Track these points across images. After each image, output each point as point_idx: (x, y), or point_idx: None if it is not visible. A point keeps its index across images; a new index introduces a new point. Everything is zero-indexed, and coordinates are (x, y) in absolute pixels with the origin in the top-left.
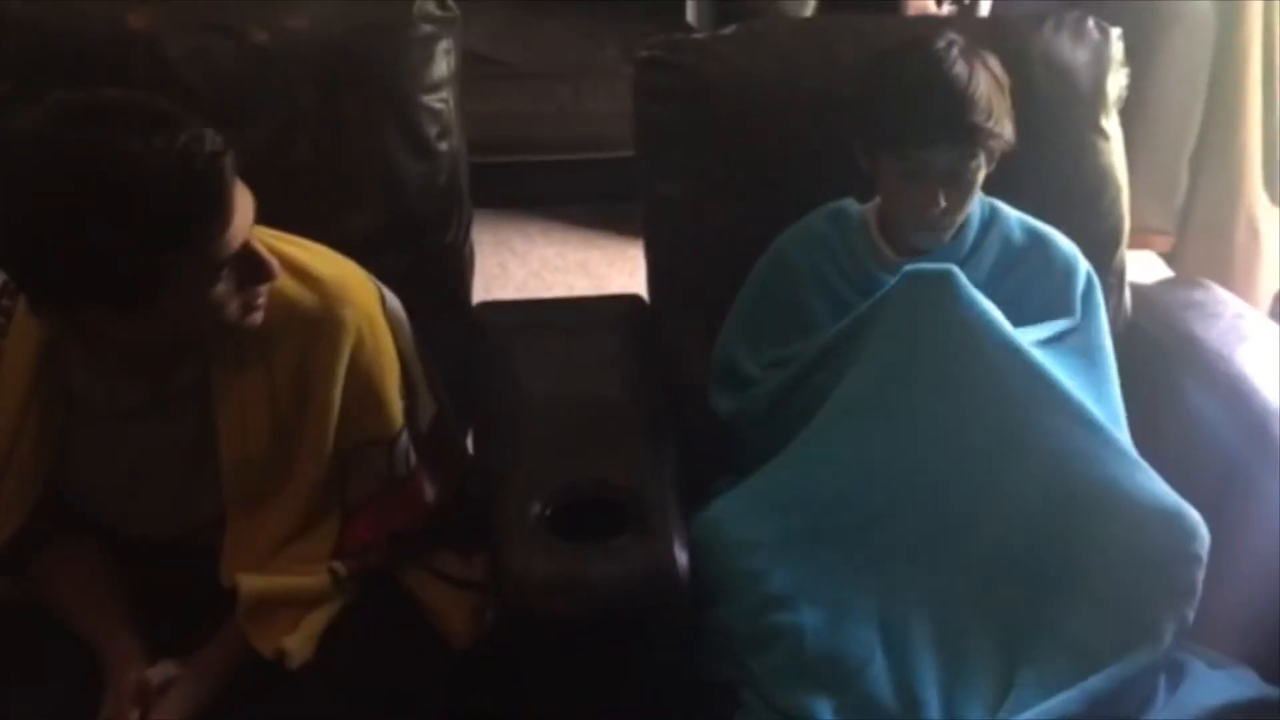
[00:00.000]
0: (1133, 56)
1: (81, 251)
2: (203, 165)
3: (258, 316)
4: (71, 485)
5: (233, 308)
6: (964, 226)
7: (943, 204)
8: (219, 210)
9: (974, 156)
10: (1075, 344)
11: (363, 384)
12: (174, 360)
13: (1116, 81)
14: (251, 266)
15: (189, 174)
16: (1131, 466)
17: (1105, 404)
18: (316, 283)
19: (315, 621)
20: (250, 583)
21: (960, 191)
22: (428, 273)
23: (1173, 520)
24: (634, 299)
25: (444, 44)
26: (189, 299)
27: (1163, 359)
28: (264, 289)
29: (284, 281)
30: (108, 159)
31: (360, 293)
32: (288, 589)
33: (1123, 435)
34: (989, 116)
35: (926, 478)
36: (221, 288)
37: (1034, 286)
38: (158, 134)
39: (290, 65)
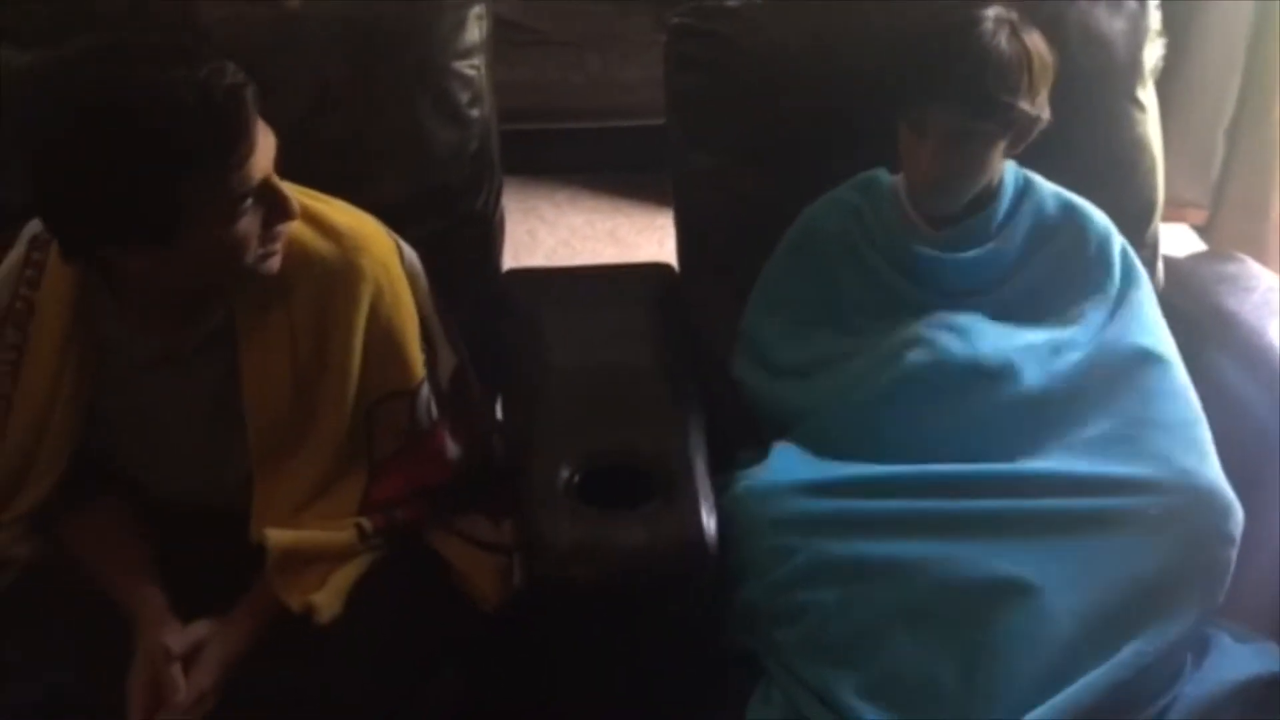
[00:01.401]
0: (1169, 27)
1: (105, 183)
2: (222, 96)
3: (275, 262)
4: (104, 441)
5: (253, 248)
6: (997, 197)
7: (945, 166)
8: (240, 140)
9: (982, 123)
10: (1120, 332)
11: (383, 334)
12: (198, 307)
13: (1153, 52)
14: (272, 204)
15: (209, 104)
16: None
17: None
18: (335, 234)
19: (344, 577)
20: (278, 536)
21: (964, 157)
22: (458, 240)
23: (1208, 499)
24: (663, 268)
25: (476, 10)
26: (211, 234)
27: (1196, 333)
28: (283, 230)
29: (304, 232)
30: (129, 90)
31: (378, 244)
32: (314, 543)
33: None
34: (1006, 88)
35: (954, 455)
36: (243, 224)
37: (1067, 259)
38: (178, 66)
39: (323, 32)
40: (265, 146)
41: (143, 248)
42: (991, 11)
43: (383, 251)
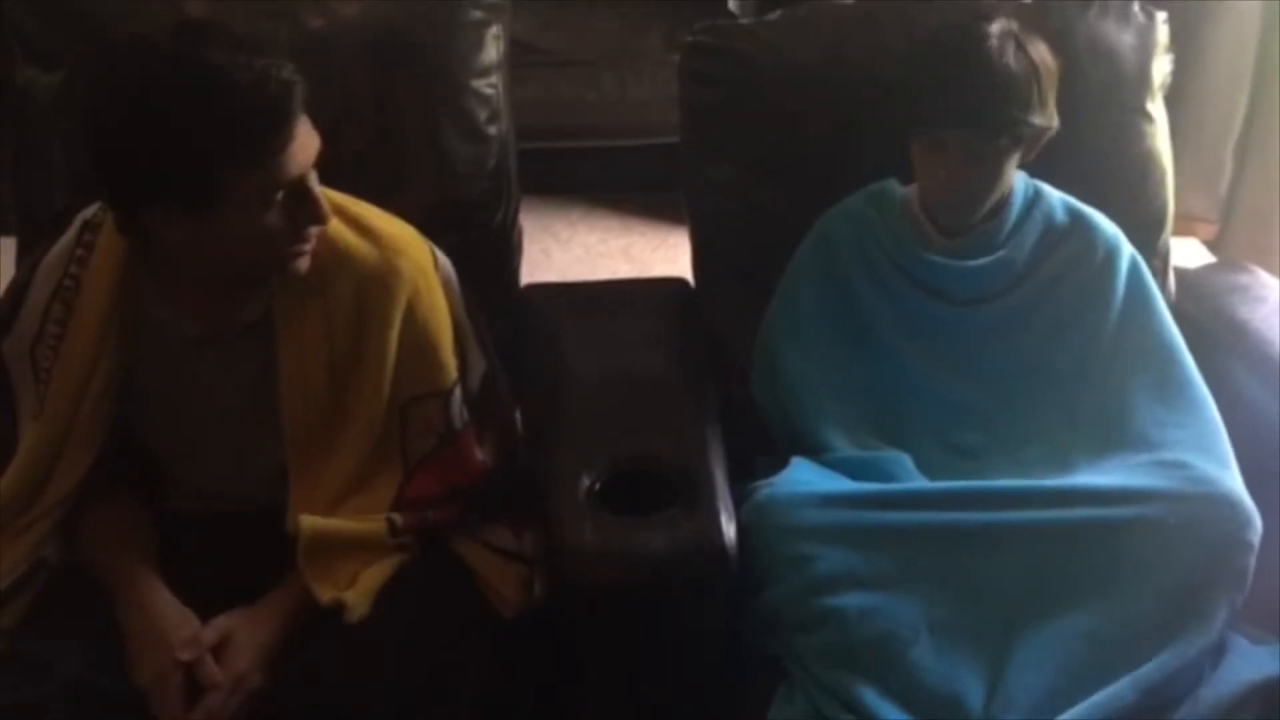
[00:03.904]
0: (1177, 44)
1: (154, 143)
2: (276, 88)
3: (304, 263)
4: (140, 426)
5: (283, 243)
6: (1006, 205)
7: (962, 184)
8: (280, 128)
9: (997, 141)
10: (1134, 348)
11: (419, 334)
12: (239, 294)
13: (1161, 67)
14: (305, 204)
15: (263, 90)
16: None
17: (1189, 408)
18: (375, 236)
19: (373, 577)
20: (311, 523)
21: (981, 173)
22: (477, 254)
23: (1228, 507)
24: (679, 281)
25: (494, 30)
26: (244, 216)
27: (1208, 343)
28: (313, 233)
29: (344, 232)
30: (196, 66)
31: (415, 248)
32: (345, 531)
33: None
34: (1018, 105)
35: (977, 472)
36: (272, 217)
37: (1074, 267)
38: (241, 54)
39: (344, 50)
40: (306, 145)
41: (180, 216)
42: (995, 27)
43: (420, 256)
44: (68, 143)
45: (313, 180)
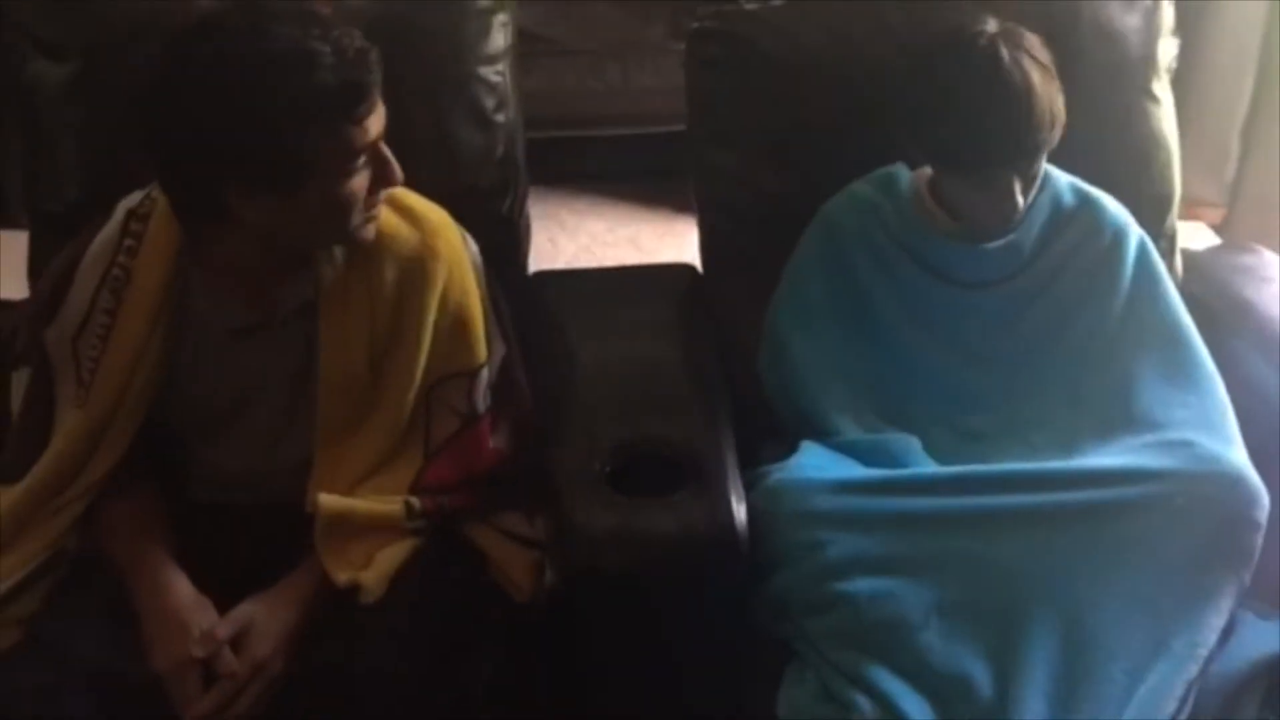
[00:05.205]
0: (1182, 28)
1: (244, 127)
2: (353, 55)
3: (373, 229)
4: (172, 414)
5: (360, 208)
6: None
7: (1008, 209)
8: (365, 95)
9: (1039, 160)
10: (1141, 330)
11: (453, 314)
12: (284, 281)
13: (1167, 49)
14: (380, 166)
15: (342, 58)
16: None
17: (1196, 390)
18: (414, 217)
19: (389, 559)
20: (329, 501)
21: (1028, 187)
22: (485, 242)
23: (1235, 485)
24: (686, 268)
25: (500, 17)
26: (328, 187)
27: (1214, 323)
28: (383, 196)
29: (389, 216)
30: (270, 42)
31: (450, 231)
32: (363, 512)
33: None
34: (1050, 125)
35: (985, 455)
36: (356, 182)
37: (1082, 249)
38: (315, 26)
39: None
40: (380, 110)
41: (266, 196)
42: (1005, 50)
43: (454, 238)
44: (80, 135)
45: (383, 145)
